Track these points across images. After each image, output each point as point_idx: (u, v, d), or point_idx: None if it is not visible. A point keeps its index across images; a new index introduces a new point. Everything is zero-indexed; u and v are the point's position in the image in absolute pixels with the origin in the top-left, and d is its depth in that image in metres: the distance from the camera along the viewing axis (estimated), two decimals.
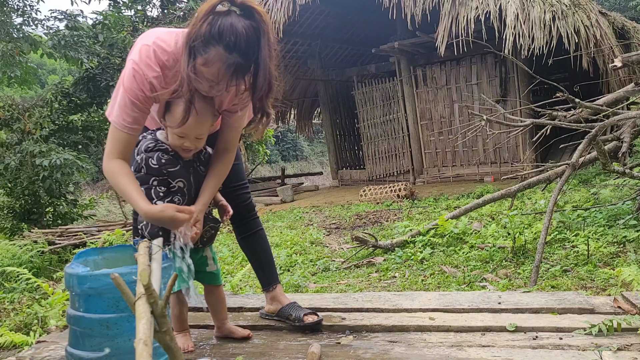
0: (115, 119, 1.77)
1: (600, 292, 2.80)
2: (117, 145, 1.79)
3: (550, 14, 7.12)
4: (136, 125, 1.79)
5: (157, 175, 1.83)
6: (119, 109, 1.76)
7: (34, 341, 2.63)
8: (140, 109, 1.77)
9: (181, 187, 1.87)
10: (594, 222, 4.12)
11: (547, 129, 4.27)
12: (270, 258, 2.34)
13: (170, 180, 1.85)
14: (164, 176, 1.84)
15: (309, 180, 15.76)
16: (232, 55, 1.60)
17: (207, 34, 1.59)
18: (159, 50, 1.76)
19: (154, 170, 1.83)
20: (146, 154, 1.84)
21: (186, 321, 2.07)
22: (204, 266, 2.05)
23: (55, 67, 30.29)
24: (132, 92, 1.74)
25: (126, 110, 1.75)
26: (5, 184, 8.93)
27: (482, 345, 1.84)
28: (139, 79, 1.74)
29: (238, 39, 1.58)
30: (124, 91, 1.75)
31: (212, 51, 1.60)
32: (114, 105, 1.80)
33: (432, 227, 4.41)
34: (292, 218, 7.20)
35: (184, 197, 1.89)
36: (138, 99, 1.75)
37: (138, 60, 1.75)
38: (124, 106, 1.75)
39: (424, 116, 9.62)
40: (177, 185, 1.87)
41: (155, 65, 1.75)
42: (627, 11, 17.98)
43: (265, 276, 2.31)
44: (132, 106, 1.75)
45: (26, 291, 4.10)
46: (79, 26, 9.40)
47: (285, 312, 2.21)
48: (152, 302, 1.22)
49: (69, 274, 1.64)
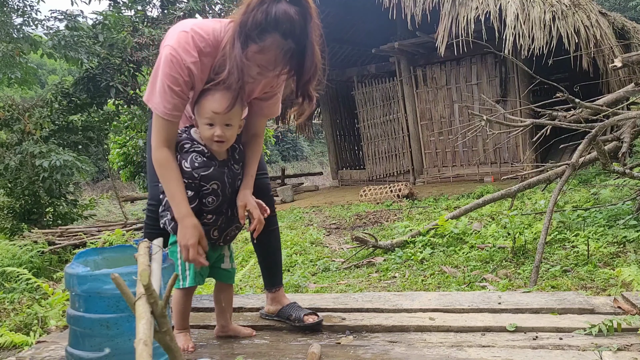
0: (157, 106, 1.79)
1: (600, 292, 2.80)
2: (162, 132, 1.81)
3: (550, 14, 7.13)
4: (177, 112, 1.80)
5: (188, 178, 1.84)
6: (159, 96, 1.78)
7: (34, 341, 2.63)
8: (179, 95, 1.78)
9: (215, 189, 1.88)
10: (594, 222, 4.12)
11: (547, 129, 4.27)
12: (279, 259, 2.34)
13: (203, 184, 1.86)
14: (195, 180, 1.85)
15: (309, 180, 15.76)
16: (288, 42, 1.64)
17: (263, 21, 1.61)
18: (197, 37, 1.77)
19: (186, 173, 1.84)
20: (180, 155, 1.86)
21: (188, 320, 2.07)
22: (220, 262, 2.05)
23: (55, 67, 30.31)
24: (171, 77, 1.75)
25: (166, 97, 1.77)
26: (5, 184, 8.92)
27: (482, 345, 1.84)
28: (176, 64, 1.74)
29: (293, 25, 1.63)
30: (163, 77, 1.76)
31: (269, 38, 1.63)
32: (152, 91, 1.80)
33: (432, 227, 4.41)
34: (292, 218, 7.20)
35: (218, 197, 1.90)
36: (177, 84, 1.76)
37: (176, 45, 1.75)
38: (164, 93, 1.76)
39: (424, 116, 9.62)
40: (211, 188, 1.88)
41: (193, 50, 1.76)
42: (627, 11, 17.99)
43: (271, 277, 2.30)
44: (172, 93, 1.76)
45: (26, 291, 4.10)
46: (79, 26, 9.40)
47: (286, 312, 2.21)
48: (152, 302, 1.22)
49: (69, 274, 1.64)
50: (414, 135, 9.78)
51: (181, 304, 2.02)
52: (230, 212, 1.96)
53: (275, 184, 12.27)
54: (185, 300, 2.03)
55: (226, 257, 2.07)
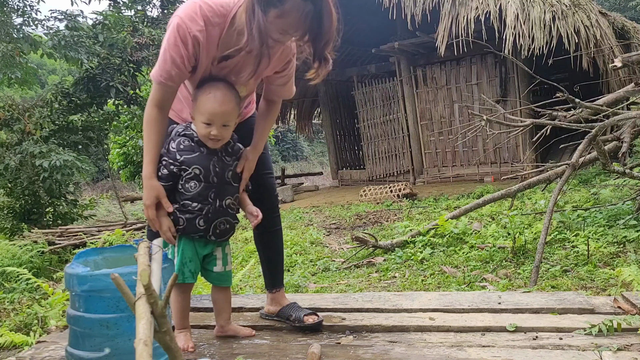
0: (154, 73, 1.85)
1: (600, 292, 2.80)
2: (156, 95, 1.88)
3: (550, 14, 7.13)
4: (170, 82, 1.84)
5: (170, 159, 1.89)
6: (158, 65, 1.83)
7: (34, 341, 2.63)
8: (177, 67, 1.81)
9: (197, 174, 1.90)
10: (594, 222, 4.12)
11: (547, 129, 4.27)
12: (281, 260, 2.34)
13: (185, 167, 1.89)
14: (176, 162, 1.89)
15: (309, 180, 15.76)
16: (307, 4, 1.64)
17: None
18: (205, 7, 1.79)
19: (170, 154, 1.89)
20: (171, 138, 1.92)
21: (188, 319, 2.07)
22: (212, 265, 2.04)
23: (55, 67, 30.31)
24: (174, 47, 1.78)
25: (165, 66, 1.81)
26: (5, 184, 8.92)
27: (482, 345, 1.84)
28: (182, 33, 1.77)
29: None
30: (167, 46, 1.80)
31: (289, 2, 1.63)
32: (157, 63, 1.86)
33: (432, 227, 4.41)
34: (292, 218, 7.20)
35: (200, 183, 1.90)
36: (179, 55, 1.79)
37: (183, 15, 1.78)
38: (164, 62, 1.81)
39: (424, 116, 9.62)
40: (193, 172, 1.90)
41: (200, 19, 1.78)
42: (627, 11, 18.00)
43: (273, 277, 2.30)
44: (172, 62, 1.80)
45: (26, 291, 4.10)
46: (79, 26, 9.39)
47: (286, 312, 2.21)
48: (152, 302, 1.22)
49: (69, 274, 1.64)
50: (414, 135, 9.78)
51: (178, 302, 2.01)
52: (219, 202, 1.94)
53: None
54: (182, 299, 2.02)
55: (218, 259, 2.05)
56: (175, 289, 1.97)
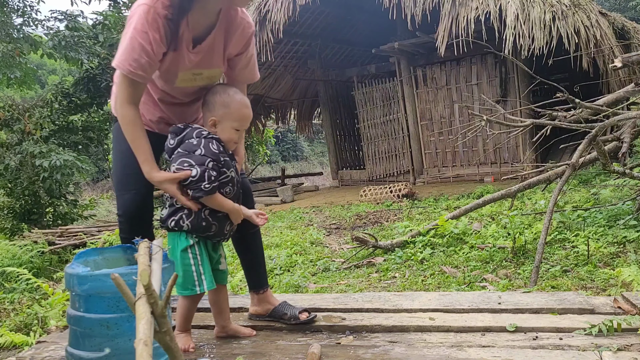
0: (120, 63, 1.73)
1: (600, 293, 2.80)
2: (127, 91, 1.77)
3: (550, 15, 7.12)
4: (141, 72, 1.75)
5: (215, 160, 1.85)
6: (125, 53, 1.73)
7: (34, 341, 2.63)
8: (147, 55, 1.73)
9: (232, 177, 1.92)
10: (594, 222, 4.11)
11: (547, 129, 4.27)
12: (263, 260, 2.34)
13: (224, 170, 1.88)
14: (220, 163, 1.86)
15: (309, 180, 15.76)
16: None
17: None
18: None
19: (213, 155, 1.84)
20: (206, 140, 1.86)
21: (191, 322, 2.07)
22: (218, 264, 2.06)
23: (55, 68, 30.29)
24: (142, 33, 1.70)
25: (133, 54, 1.72)
26: (6, 184, 8.93)
27: (482, 345, 1.84)
28: (150, 17, 1.70)
29: None
30: (134, 33, 1.71)
31: None
32: (118, 52, 1.76)
33: (432, 228, 4.41)
34: (292, 218, 7.20)
35: (234, 187, 1.92)
36: (148, 42, 1.71)
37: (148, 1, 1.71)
38: (132, 50, 1.71)
39: (424, 116, 9.62)
40: (230, 175, 1.90)
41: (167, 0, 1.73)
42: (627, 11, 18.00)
43: (259, 277, 2.29)
44: (141, 50, 1.71)
45: (26, 291, 4.10)
46: (79, 27, 9.41)
47: (279, 311, 2.21)
48: (152, 303, 1.22)
49: (69, 274, 1.64)
50: (414, 135, 9.78)
51: (190, 309, 2.01)
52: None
53: (275, 184, 12.28)
54: (194, 306, 2.03)
55: (222, 257, 2.08)
56: (193, 297, 1.96)
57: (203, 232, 1.91)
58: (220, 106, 1.91)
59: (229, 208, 1.90)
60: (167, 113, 2.03)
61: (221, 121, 1.91)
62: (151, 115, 2.01)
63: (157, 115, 2.01)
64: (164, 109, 2.01)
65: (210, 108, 1.93)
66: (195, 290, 1.90)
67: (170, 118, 2.04)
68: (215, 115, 1.91)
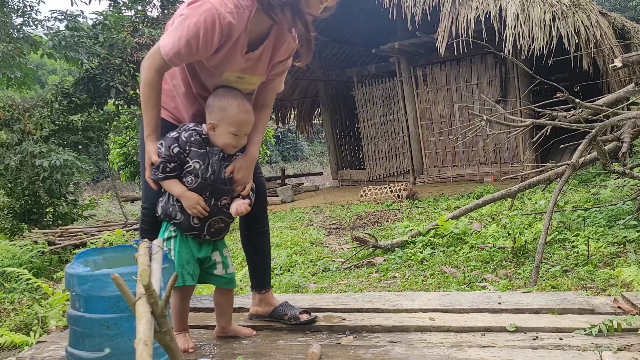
0: (163, 47, 1.80)
1: (600, 293, 2.80)
2: (156, 62, 1.84)
3: (550, 14, 7.13)
4: (177, 60, 1.83)
5: (181, 147, 1.89)
6: (171, 39, 1.78)
7: (34, 341, 2.63)
8: (190, 49, 1.78)
9: (196, 167, 1.90)
10: (594, 222, 4.11)
11: (547, 129, 4.27)
12: (269, 261, 2.35)
13: (187, 159, 1.90)
14: (184, 152, 1.89)
15: (309, 180, 15.76)
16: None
17: None
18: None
19: (182, 143, 1.89)
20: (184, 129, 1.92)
21: (187, 321, 2.07)
22: (212, 269, 2.04)
23: (55, 68, 30.28)
24: (194, 29, 1.74)
25: (178, 43, 1.77)
26: (6, 184, 8.92)
27: (482, 345, 1.84)
28: (210, 18, 1.73)
29: None
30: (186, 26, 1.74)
31: None
32: (167, 31, 1.82)
33: (432, 228, 4.41)
34: (292, 218, 7.20)
35: (197, 178, 1.91)
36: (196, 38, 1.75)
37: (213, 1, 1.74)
38: (178, 39, 1.77)
39: (424, 116, 9.62)
40: (193, 166, 1.91)
41: (230, 3, 1.76)
42: (627, 11, 18.00)
43: (262, 278, 2.30)
44: (186, 44, 1.76)
45: (26, 291, 4.10)
46: (79, 27, 9.39)
47: (280, 311, 2.22)
48: (152, 303, 1.22)
49: (70, 274, 1.64)
50: (414, 135, 9.78)
51: (179, 307, 2.00)
52: (214, 202, 1.95)
53: (275, 184, 12.27)
54: (183, 304, 2.02)
55: (218, 263, 2.04)
56: (175, 293, 1.96)
57: (170, 219, 1.93)
58: (217, 110, 1.91)
59: (177, 193, 1.91)
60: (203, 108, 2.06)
61: (218, 125, 1.90)
62: (189, 109, 2.04)
63: (195, 109, 2.05)
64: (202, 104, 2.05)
65: (210, 111, 1.93)
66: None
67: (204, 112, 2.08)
68: (213, 119, 1.91)
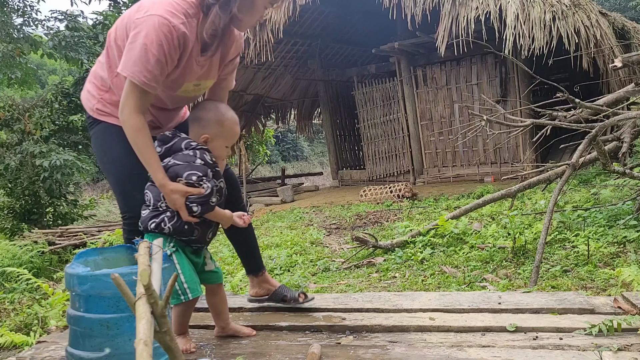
0: (133, 74, 1.73)
1: (600, 293, 2.80)
2: (137, 100, 1.77)
3: (551, 14, 7.12)
4: (154, 84, 1.78)
5: (212, 170, 1.87)
6: (138, 64, 1.72)
7: (34, 341, 2.63)
8: (161, 68, 1.76)
9: (222, 187, 1.93)
10: (594, 222, 4.11)
11: (547, 129, 4.27)
12: (257, 244, 2.42)
13: (215, 179, 1.89)
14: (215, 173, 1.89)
15: (309, 180, 15.76)
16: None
17: None
18: (179, 1, 1.79)
19: (211, 165, 1.87)
20: (200, 151, 1.87)
21: (187, 326, 2.07)
22: (203, 266, 2.05)
23: (55, 68, 30.27)
24: (157, 46, 1.72)
25: (147, 65, 1.73)
26: (6, 184, 8.93)
27: (482, 345, 1.84)
28: (166, 31, 1.72)
29: None
30: (148, 44, 1.71)
31: None
32: (129, 59, 1.74)
33: (432, 228, 4.41)
34: (292, 218, 7.20)
35: (222, 196, 1.93)
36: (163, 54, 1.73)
37: (161, 12, 1.73)
38: (146, 61, 1.72)
39: (424, 116, 9.62)
40: (219, 185, 1.92)
41: (179, 13, 1.77)
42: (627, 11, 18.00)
43: (256, 260, 2.36)
44: (155, 63, 1.73)
45: (26, 291, 4.10)
46: (79, 27, 9.40)
47: (280, 293, 2.30)
48: (152, 303, 1.22)
49: (70, 274, 1.64)
50: (414, 135, 9.78)
51: (185, 315, 2.01)
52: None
53: (275, 184, 12.28)
54: (188, 311, 2.03)
55: (207, 259, 2.07)
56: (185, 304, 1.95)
57: (185, 235, 1.90)
58: (214, 124, 1.92)
59: (222, 218, 1.93)
60: (156, 117, 2.07)
61: (214, 139, 1.92)
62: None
63: (147, 119, 2.01)
64: (153, 113, 2.04)
65: (204, 125, 1.93)
66: (181, 299, 1.90)
67: (158, 122, 2.09)
68: (209, 132, 1.92)
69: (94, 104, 2.03)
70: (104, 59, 1.99)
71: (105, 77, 1.99)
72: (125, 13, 1.90)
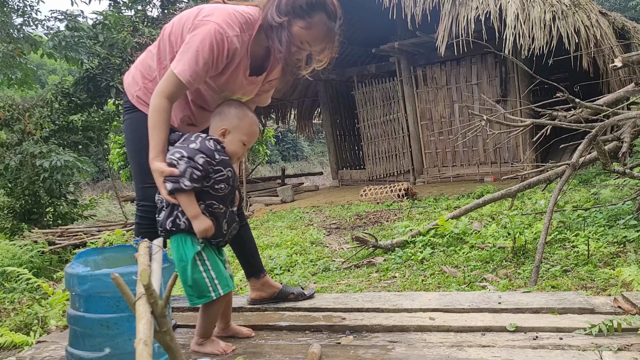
0: (182, 72, 1.85)
1: (600, 292, 2.80)
2: (172, 89, 1.87)
3: (551, 14, 7.12)
4: (196, 83, 1.88)
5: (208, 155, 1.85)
6: (189, 64, 1.84)
7: (34, 341, 2.63)
8: (207, 72, 1.87)
9: (229, 176, 1.92)
10: (594, 222, 4.11)
11: (547, 129, 4.27)
12: (256, 247, 2.46)
13: (220, 168, 1.89)
14: (213, 161, 1.86)
15: (309, 180, 15.77)
16: (331, 23, 1.87)
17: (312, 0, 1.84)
18: (238, 15, 1.89)
19: (208, 150, 1.86)
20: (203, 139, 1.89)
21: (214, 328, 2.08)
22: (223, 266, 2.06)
23: (55, 68, 30.29)
24: (208, 51, 1.83)
25: (196, 67, 1.84)
26: (6, 184, 8.93)
27: (482, 345, 1.84)
28: (218, 38, 1.83)
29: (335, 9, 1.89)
30: (201, 48, 1.83)
31: (316, 16, 1.84)
32: (180, 59, 1.86)
33: (432, 227, 4.41)
34: (292, 218, 7.20)
35: (228, 186, 1.93)
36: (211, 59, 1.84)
37: (219, 20, 1.84)
38: (195, 63, 1.83)
39: (424, 116, 9.62)
40: (227, 174, 1.91)
41: (236, 26, 1.87)
42: (627, 11, 18.00)
43: (257, 264, 2.40)
44: (203, 66, 1.85)
45: (26, 291, 4.10)
46: (79, 26, 9.40)
47: (286, 292, 2.40)
48: (152, 302, 1.22)
49: (70, 274, 1.64)
50: (414, 135, 9.78)
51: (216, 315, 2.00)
52: (231, 208, 2.00)
53: (275, 184, 12.27)
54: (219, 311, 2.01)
55: (227, 262, 2.08)
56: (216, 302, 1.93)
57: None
58: (234, 117, 1.94)
59: (194, 212, 1.83)
60: (193, 114, 2.12)
61: (232, 132, 1.93)
62: (178, 113, 2.08)
63: (184, 114, 2.10)
64: (192, 110, 2.11)
65: (224, 117, 1.95)
66: (211, 296, 1.89)
67: (194, 119, 2.14)
68: (228, 125, 1.94)
69: (135, 91, 2.10)
70: (155, 49, 2.08)
71: (153, 66, 2.07)
72: (185, 12, 1.99)
